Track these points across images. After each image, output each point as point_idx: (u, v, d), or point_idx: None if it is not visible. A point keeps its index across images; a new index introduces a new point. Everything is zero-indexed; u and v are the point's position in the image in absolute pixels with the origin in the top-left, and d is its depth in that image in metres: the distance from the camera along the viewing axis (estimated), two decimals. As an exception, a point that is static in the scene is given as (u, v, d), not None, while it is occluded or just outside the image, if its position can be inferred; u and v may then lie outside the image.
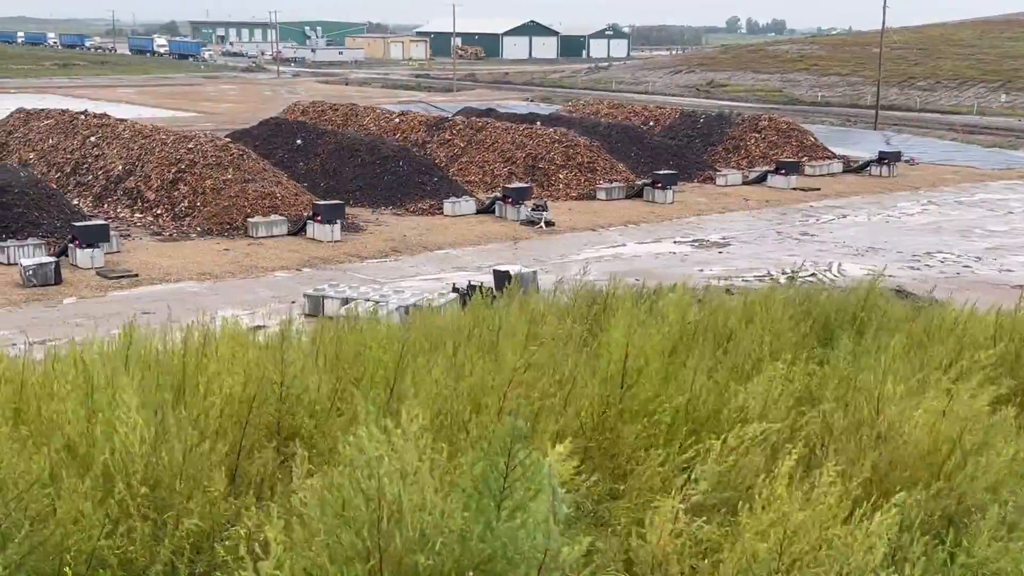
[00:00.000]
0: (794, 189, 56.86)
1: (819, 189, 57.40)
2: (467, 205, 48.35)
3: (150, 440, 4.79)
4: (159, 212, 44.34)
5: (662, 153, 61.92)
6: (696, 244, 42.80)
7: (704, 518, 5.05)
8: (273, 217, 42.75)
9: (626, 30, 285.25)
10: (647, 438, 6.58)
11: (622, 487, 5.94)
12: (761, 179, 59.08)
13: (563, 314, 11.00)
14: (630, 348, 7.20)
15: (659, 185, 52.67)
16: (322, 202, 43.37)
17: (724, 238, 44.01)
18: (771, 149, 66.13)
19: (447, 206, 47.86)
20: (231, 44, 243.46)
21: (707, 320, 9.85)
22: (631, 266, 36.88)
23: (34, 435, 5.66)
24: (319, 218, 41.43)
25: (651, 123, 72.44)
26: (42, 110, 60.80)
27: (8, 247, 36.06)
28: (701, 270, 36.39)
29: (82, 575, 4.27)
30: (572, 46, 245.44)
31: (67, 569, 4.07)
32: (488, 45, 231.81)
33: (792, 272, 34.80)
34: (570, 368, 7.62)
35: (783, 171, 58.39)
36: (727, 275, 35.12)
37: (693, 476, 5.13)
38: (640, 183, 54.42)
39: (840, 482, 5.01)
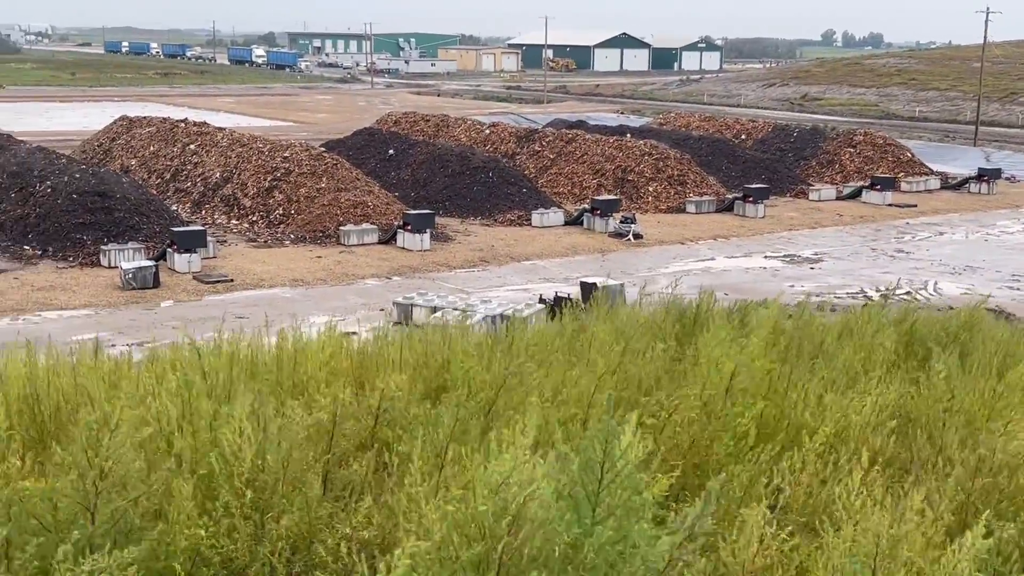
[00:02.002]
0: (889, 205, 55.73)
1: (915, 206, 56.17)
2: (555, 216, 48.41)
3: (255, 444, 4.91)
4: (255, 219, 45.28)
5: (754, 167, 61.22)
6: (787, 259, 42.20)
7: (789, 529, 5.00)
8: (364, 226, 43.32)
9: (719, 43, 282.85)
10: (736, 451, 6.52)
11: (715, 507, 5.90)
12: (855, 195, 58.03)
13: (652, 327, 10.95)
14: (721, 363, 7.15)
15: (750, 199, 52.08)
16: (412, 211, 43.82)
17: (816, 254, 43.31)
18: (866, 164, 64.91)
19: (535, 217, 47.97)
20: (327, 55, 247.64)
21: (800, 336, 9.73)
22: (720, 281, 36.50)
23: (141, 437, 5.84)
24: (409, 227, 41.87)
25: (743, 136, 71.70)
26: (144, 118, 62.62)
27: (109, 251, 37.14)
28: (792, 286, 35.85)
29: (187, 573, 4.40)
30: (664, 58, 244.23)
31: (175, 565, 4.20)
32: (579, 57, 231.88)
33: (886, 290, 34.13)
34: (659, 381, 7.59)
35: (878, 187, 57.26)
36: (819, 292, 34.55)
37: (781, 491, 5.07)
38: (731, 197, 53.89)
39: (935, 504, 4.91)
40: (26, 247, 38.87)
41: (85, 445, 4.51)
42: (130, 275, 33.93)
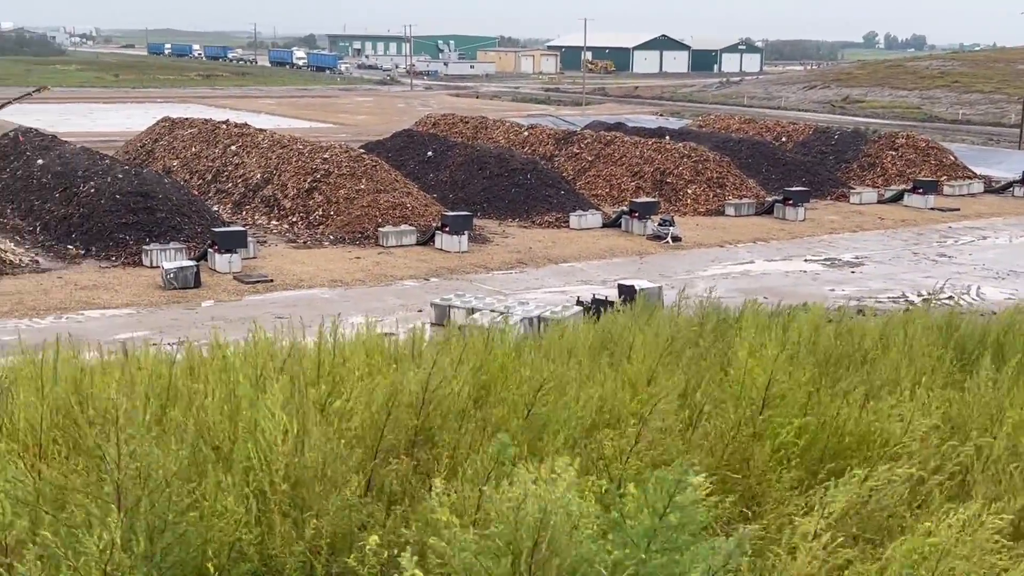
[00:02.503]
0: (932, 209, 55.09)
1: (958, 209, 55.48)
2: (593, 219, 48.31)
3: (292, 439, 4.93)
4: (294, 220, 45.58)
5: (794, 170, 60.78)
6: (828, 263, 41.84)
7: (840, 540, 4.93)
8: (403, 227, 43.49)
9: (759, 44, 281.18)
10: (779, 459, 6.46)
11: (754, 509, 5.85)
12: (897, 198, 57.43)
13: (691, 331, 10.88)
14: (760, 367, 7.09)
15: (790, 202, 51.70)
16: (450, 213, 43.91)
17: (857, 257, 42.90)
18: (908, 168, 64.21)
19: (573, 219, 47.90)
20: (367, 57, 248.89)
21: (840, 341, 9.62)
22: (759, 284, 36.27)
23: (179, 431, 5.88)
24: (447, 229, 41.97)
25: (783, 139, 71.19)
26: (186, 119, 63.27)
27: (151, 250, 37.55)
28: (832, 290, 35.54)
29: (223, 567, 4.43)
30: (703, 60, 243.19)
31: (209, 564, 4.22)
32: (618, 59, 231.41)
33: (928, 294, 33.74)
34: (698, 385, 7.54)
35: (920, 190, 56.62)
36: (860, 296, 34.23)
37: (829, 501, 5.00)
38: (771, 200, 53.52)
39: (991, 515, 4.82)
40: (70, 246, 39.39)
41: (118, 440, 4.55)
42: (172, 275, 34.27)
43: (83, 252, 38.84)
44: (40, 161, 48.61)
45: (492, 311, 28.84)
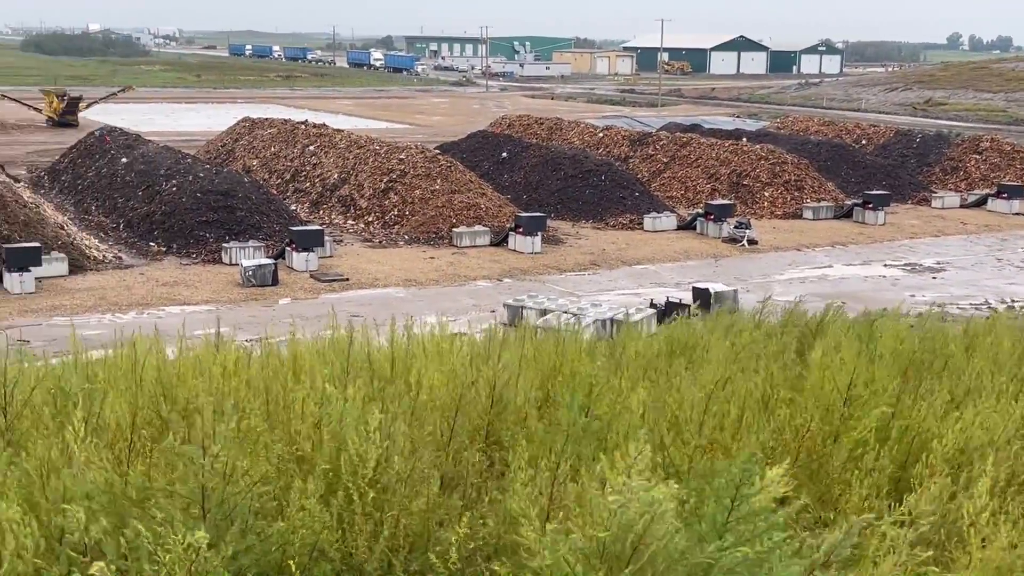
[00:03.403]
0: (1016, 214, 53.71)
1: (1045, 215, 54.01)
2: (667, 221, 48.01)
3: (379, 442, 4.97)
4: (370, 219, 46.04)
5: (874, 173, 59.74)
6: (908, 268, 41.04)
7: (919, 548, 4.83)
8: (477, 227, 43.66)
9: (839, 46, 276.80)
10: (856, 464, 6.35)
11: (832, 515, 5.76)
12: (981, 203, 56.11)
13: (767, 334, 10.76)
14: (839, 372, 6.98)
15: (870, 206, 50.82)
16: (524, 214, 43.96)
17: (938, 263, 42.02)
18: (992, 172, 62.67)
19: (647, 221, 47.65)
20: (443, 58, 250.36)
21: (923, 348, 9.43)
22: (837, 288, 35.69)
23: (261, 431, 5.96)
24: (521, 230, 42.03)
25: (863, 141, 70.02)
26: (266, 119, 64.27)
27: (231, 248, 38.21)
28: (913, 296, 34.85)
29: (305, 567, 4.49)
30: (782, 62, 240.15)
31: (291, 562, 4.28)
32: (695, 60, 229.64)
33: (1012, 301, 32.92)
34: (775, 389, 7.45)
35: (1005, 195, 55.23)
36: (941, 302, 33.50)
37: (907, 508, 4.91)
38: (850, 203, 52.67)
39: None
40: (152, 243, 40.26)
41: (202, 438, 4.63)
42: (250, 272, 34.83)
43: (164, 249, 39.67)
44: (124, 160, 49.78)
45: (564, 312, 28.81)
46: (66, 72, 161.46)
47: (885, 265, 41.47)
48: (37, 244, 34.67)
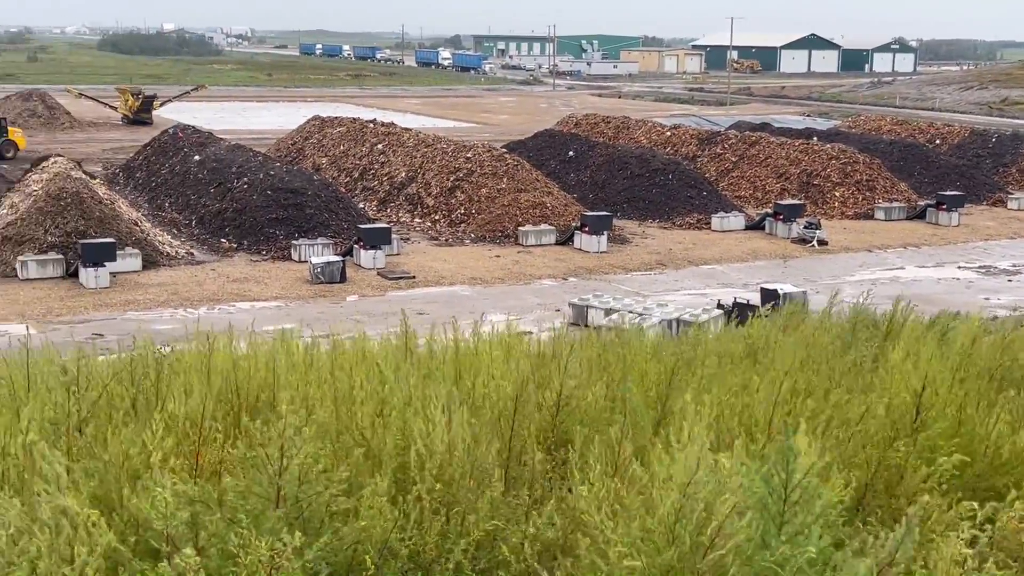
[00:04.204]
0: (1098, 216, 52.30)
1: None
2: (735, 220, 47.56)
3: (447, 439, 4.99)
4: (437, 217, 46.28)
5: (948, 173, 58.58)
6: (983, 271, 40.16)
7: (988, 566, 4.72)
8: (543, 226, 43.65)
9: (913, 44, 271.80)
10: (927, 479, 6.22)
11: (895, 526, 5.63)
12: (1060, 204, 54.72)
13: (838, 338, 10.59)
14: (913, 376, 6.85)
15: (943, 207, 49.84)
16: (590, 213, 43.86)
17: (1015, 265, 41.05)
18: (1073, 172, 61.09)
19: (715, 221, 47.26)
20: (510, 57, 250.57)
21: (1001, 353, 9.21)
22: (909, 291, 35.01)
23: (332, 427, 6.02)
24: (586, 229, 41.94)
25: (937, 141, 68.69)
26: (335, 118, 64.92)
27: (300, 245, 38.67)
28: (988, 299, 34.09)
29: (376, 565, 4.51)
30: (854, 60, 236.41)
31: (367, 558, 4.32)
32: (765, 58, 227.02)
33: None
34: (847, 394, 7.32)
35: (1086, 196, 53.81)
36: (1017, 305, 32.72)
37: (980, 527, 4.79)
38: (923, 204, 51.71)
39: None
40: (223, 240, 40.90)
41: (279, 434, 4.68)
42: (319, 269, 35.22)
43: (235, 245, 40.27)
44: (197, 157, 50.64)
45: (630, 312, 28.69)
46: (141, 71, 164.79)
47: (959, 267, 40.64)
48: (112, 240, 35.40)
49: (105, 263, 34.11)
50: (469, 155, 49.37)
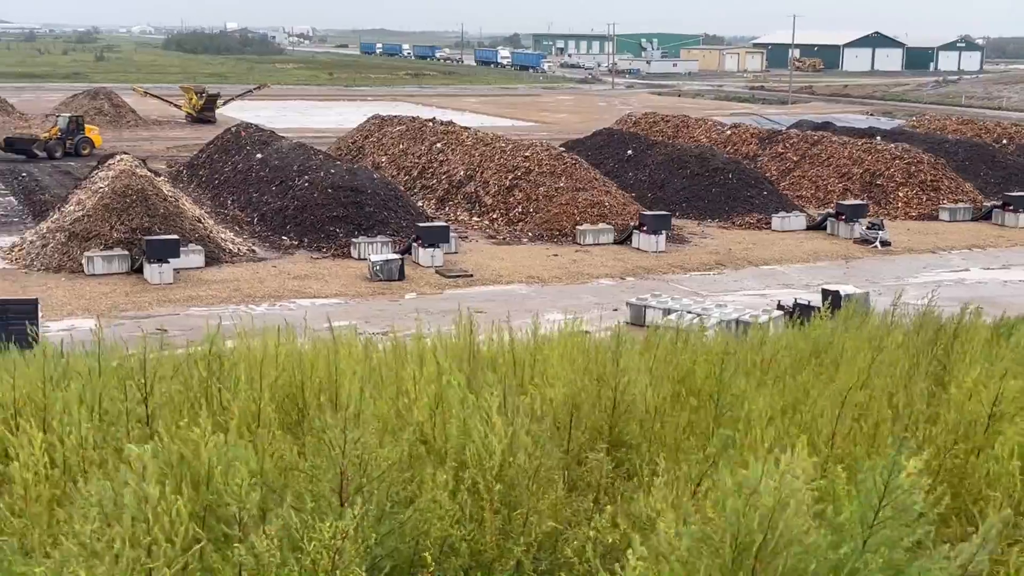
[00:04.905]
0: None
1: None
2: (796, 221, 47.05)
3: (507, 438, 5.01)
4: (494, 216, 46.37)
5: (1015, 173, 57.47)
6: (1051, 274, 39.28)
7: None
8: (601, 225, 43.54)
9: (979, 42, 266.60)
10: (996, 481, 6.10)
11: (973, 532, 5.54)
12: None
13: (902, 340, 10.43)
14: (985, 384, 6.73)
15: (1010, 207, 48.86)
16: (649, 212, 43.66)
17: (1084, 268, 40.11)
18: None
19: (775, 221, 46.79)
20: (569, 56, 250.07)
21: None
22: (974, 293, 34.38)
23: (392, 422, 6.07)
24: (645, 228, 41.75)
25: (1004, 141, 67.32)
26: (395, 117, 65.29)
27: (359, 243, 38.98)
28: (1056, 302, 33.31)
29: (437, 560, 4.55)
30: (918, 58, 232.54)
31: (426, 554, 4.35)
32: (827, 57, 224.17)
33: None
34: (913, 400, 7.22)
35: None
36: (1087, 309, 31.95)
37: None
38: (989, 205, 50.76)
39: None
40: (284, 237, 41.35)
41: (343, 427, 4.72)
42: (378, 267, 35.47)
43: (296, 243, 40.69)
44: (259, 155, 51.26)
45: (689, 313, 28.52)
46: (204, 70, 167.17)
47: (1026, 270, 39.80)
48: (176, 237, 35.96)
49: (169, 259, 34.66)
50: (527, 154, 49.39)
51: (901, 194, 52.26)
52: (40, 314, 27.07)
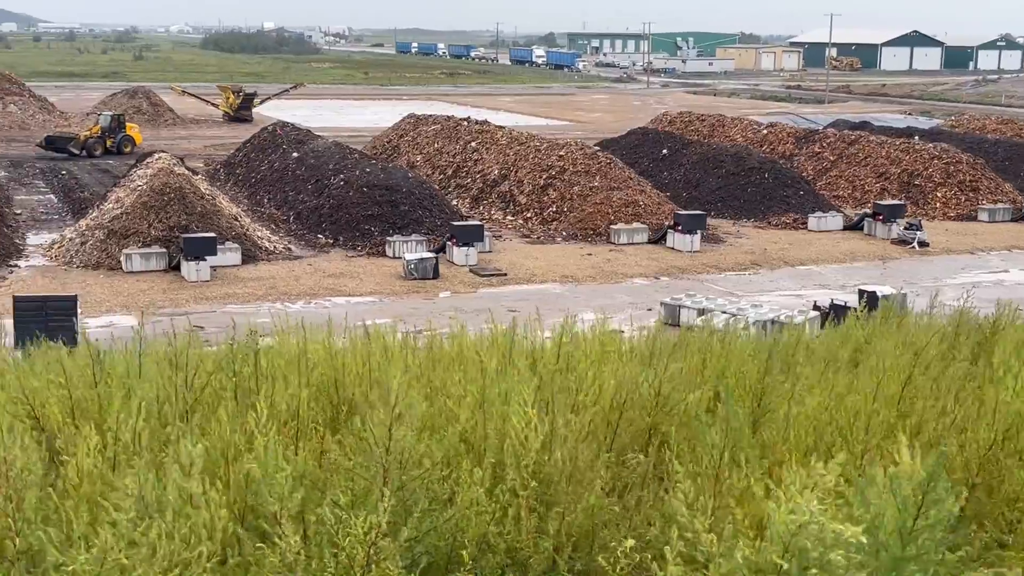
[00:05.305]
0: None
1: None
2: (833, 221, 46.72)
3: (543, 436, 5.02)
4: (529, 215, 46.39)
5: (1057, 174, 56.65)
6: (1093, 275, 38.75)
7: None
8: (635, 225, 43.44)
9: (1020, 40, 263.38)
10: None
11: (1009, 537, 5.49)
12: None
13: (941, 341, 10.33)
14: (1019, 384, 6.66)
15: (1052, 209, 48.25)
16: (683, 212, 43.52)
17: None
18: None
19: (812, 221, 46.49)
20: (604, 55, 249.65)
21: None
22: (1014, 295, 33.76)
23: (426, 419, 6.09)
24: (679, 228, 41.62)
25: (1046, 141, 66.43)
26: (430, 116, 65.47)
27: (394, 242, 39.14)
28: (1098, 304, 32.86)
29: (474, 557, 4.57)
30: (958, 58, 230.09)
31: (463, 552, 4.37)
32: (865, 56, 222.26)
33: None
34: (950, 401, 7.15)
35: None
36: None
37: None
38: (1029, 206, 50.13)
39: None
40: (319, 236, 41.60)
41: (385, 421, 4.75)
42: (412, 266, 35.60)
43: (331, 241, 40.92)
44: (295, 154, 51.58)
45: (724, 312, 28.39)
46: (241, 69, 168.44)
47: (1068, 271, 39.30)
48: (213, 234, 36.27)
49: (206, 257, 34.96)
50: (562, 153, 49.37)
51: (939, 194, 51.76)
52: (79, 311, 27.40)
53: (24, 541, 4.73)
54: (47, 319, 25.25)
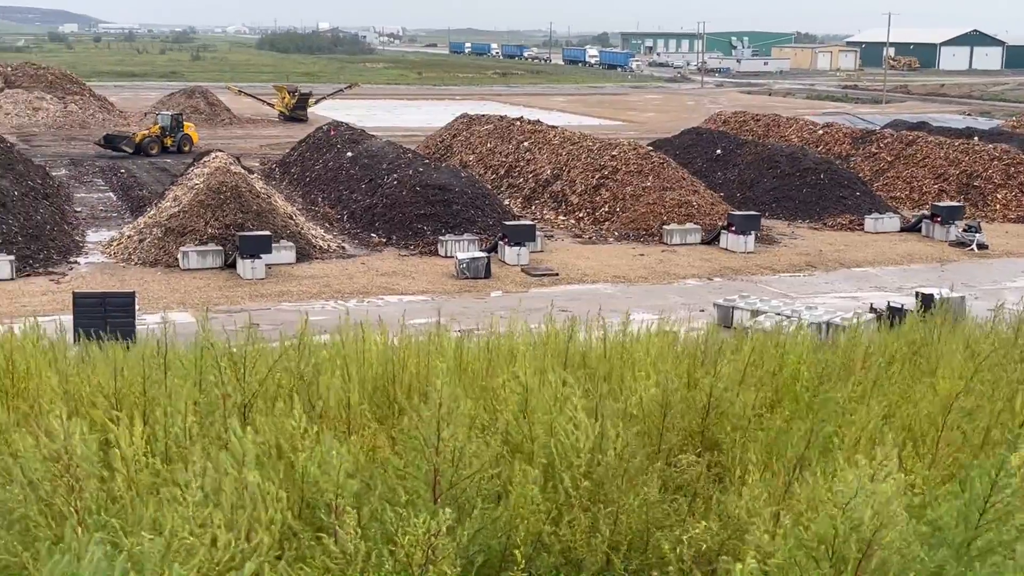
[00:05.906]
0: None
1: None
2: (890, 222, 46.08)
3: (593, 437, 5.01)
4: (581, 215, 46.30)
5: (1122, 176, 55.33)
6: None
7: None
8: (688, 225, 43.17)
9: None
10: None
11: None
12: None
13: (1002, 345, 10.16)
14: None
15: (1117, 211, 47.18)
16: (737, 212, 43.16)
17: None
18: None
19: (868, 222, 45.89)
20: (658, 55, 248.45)
21: None
22: (1077, 299, 33.30)
23: (481, 418, 6.11)
24: (733, 228, 41.28)
25: (1111, 142, 64.98)
26: (482, 116, 65.58)
27: (447, 241, 39.26)
28: None
29: (528, 557, 4.57)
30: (1019, 57, 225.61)
31: (516, 551, 4.38)
32: (923, 55, 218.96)
33: None
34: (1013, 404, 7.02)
35: None
36: None
37: None
38: (1093, 208, 49.06)
39: None
40: (373, 235, 41.85)
41: (438, 424, 4.77)
42: (464, 265, 35.69)
43: (385, 240, 41.15)
44: (349, 153, 51.94)
45: (778, 314, 28.12)
46: (297, 69, 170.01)
47: None
48: (268, 233, 36.64)
49: (261, 255, 35.33)
50: (614, 153, 49.21)
51: (999, 196, 50.84)
52: (137, 307, 27.83)
53: (86, 532, 4.81)
54: (106, 315, 25.67)
